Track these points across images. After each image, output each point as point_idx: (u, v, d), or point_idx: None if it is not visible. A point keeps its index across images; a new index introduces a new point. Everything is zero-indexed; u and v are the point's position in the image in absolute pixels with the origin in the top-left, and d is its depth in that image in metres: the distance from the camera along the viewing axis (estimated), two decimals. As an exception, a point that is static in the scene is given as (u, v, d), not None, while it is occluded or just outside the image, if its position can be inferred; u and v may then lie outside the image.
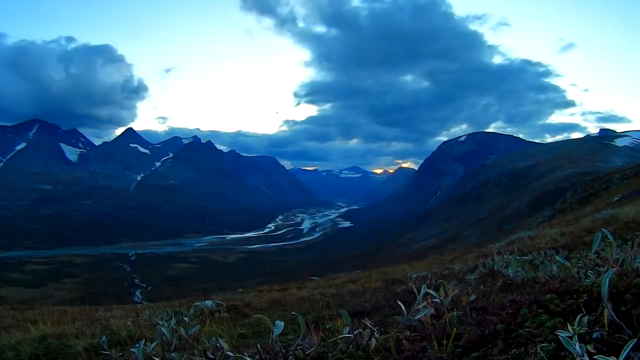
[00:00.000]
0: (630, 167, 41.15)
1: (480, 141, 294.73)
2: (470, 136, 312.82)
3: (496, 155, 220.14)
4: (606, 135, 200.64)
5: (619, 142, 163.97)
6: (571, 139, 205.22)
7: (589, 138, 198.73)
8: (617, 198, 23.81)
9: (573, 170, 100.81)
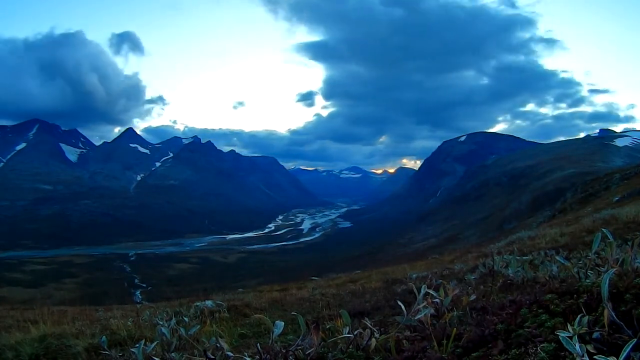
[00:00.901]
0: (630, 167, 41.18)
1: (480, 141, 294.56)
2: (470, 136, 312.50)
3: (496, 155, 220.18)
4: (606, 136, 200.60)
5: (619, 142, 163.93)
6: (571, 139, 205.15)
7: (589, 138, 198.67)
8: (617, 198, 23.82)
9: (573, 170, 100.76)
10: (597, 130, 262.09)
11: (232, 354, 2.10)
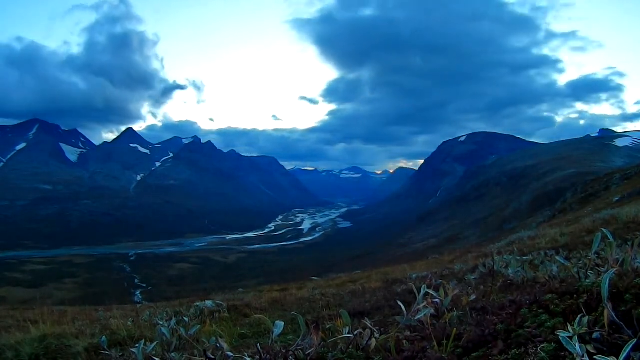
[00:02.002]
0: (630, 167, 41.13)
1: (481, 141, 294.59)
2: (470, 136, 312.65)
3: (496, 156, 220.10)
4: (606, 136, 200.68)
5: (619, 142, 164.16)
6: (571, 139, 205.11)
7: (589, 138, 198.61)
8: (617, 198, 23.80)
9: (573, 170, 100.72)
10: (598, 131, 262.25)
11: (232, 354, 2.10)
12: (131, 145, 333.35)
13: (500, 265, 5.02)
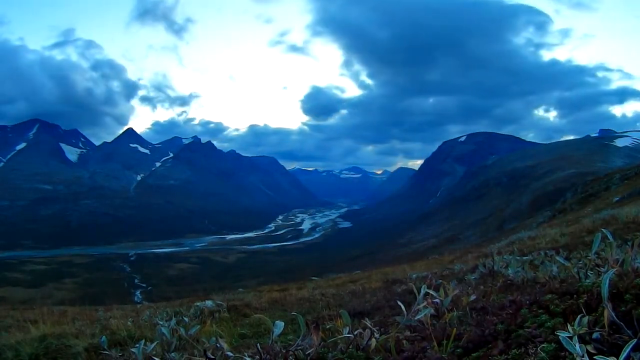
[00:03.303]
0: (630, 168, 41.11)
1: (481, 141, 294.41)
2: (470, 136, 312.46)
3: (496, 156, 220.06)
4: (606, 136, 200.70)
5: (619, 143, 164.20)
6: (571, 140, 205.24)
7: (589, 138, 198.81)
8: (617, 198, 23.79)
9: (573, 170, 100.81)
10: (598, 131, 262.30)
11: (232, 354, 2.10)
12: (131, 145, 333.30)
13: (500, 265, 5.02)
